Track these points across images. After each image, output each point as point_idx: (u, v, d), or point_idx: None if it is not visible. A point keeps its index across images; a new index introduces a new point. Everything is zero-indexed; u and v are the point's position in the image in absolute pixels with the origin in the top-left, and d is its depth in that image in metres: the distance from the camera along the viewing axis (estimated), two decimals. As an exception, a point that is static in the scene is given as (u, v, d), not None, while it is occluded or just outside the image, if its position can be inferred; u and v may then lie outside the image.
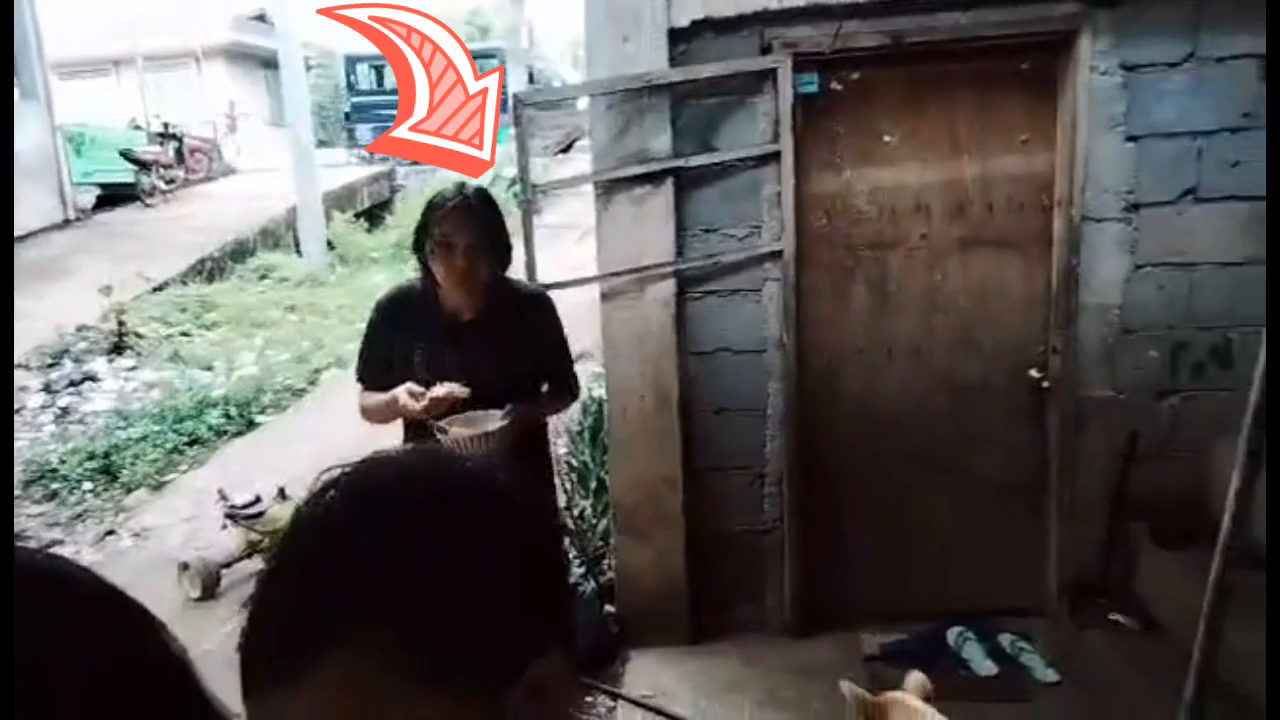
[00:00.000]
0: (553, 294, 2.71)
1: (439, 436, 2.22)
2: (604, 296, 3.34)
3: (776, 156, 3.22)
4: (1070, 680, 3.08)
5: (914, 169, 3.31)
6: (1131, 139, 3.15)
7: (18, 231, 10.01)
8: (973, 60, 3.21)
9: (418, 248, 2.42)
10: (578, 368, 2.72)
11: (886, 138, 3.30)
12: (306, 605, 0.53)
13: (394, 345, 2.43)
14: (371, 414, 2.47)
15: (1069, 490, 3.38)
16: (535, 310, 2.53)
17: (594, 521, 3.99)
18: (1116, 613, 3.31)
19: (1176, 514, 3.24)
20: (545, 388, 2.59)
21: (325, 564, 0.55)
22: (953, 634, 3.29)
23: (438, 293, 2.41)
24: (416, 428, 2.35)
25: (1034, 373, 3.37)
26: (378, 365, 2.46)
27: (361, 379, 2.52)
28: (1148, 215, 3.20)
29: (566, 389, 2.64)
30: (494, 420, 2.28)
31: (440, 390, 2.27)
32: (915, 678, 2.18)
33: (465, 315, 2.42)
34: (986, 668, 3.15)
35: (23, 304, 8.06)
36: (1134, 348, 3.29)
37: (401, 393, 2.30)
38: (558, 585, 0.62)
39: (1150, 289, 3.24)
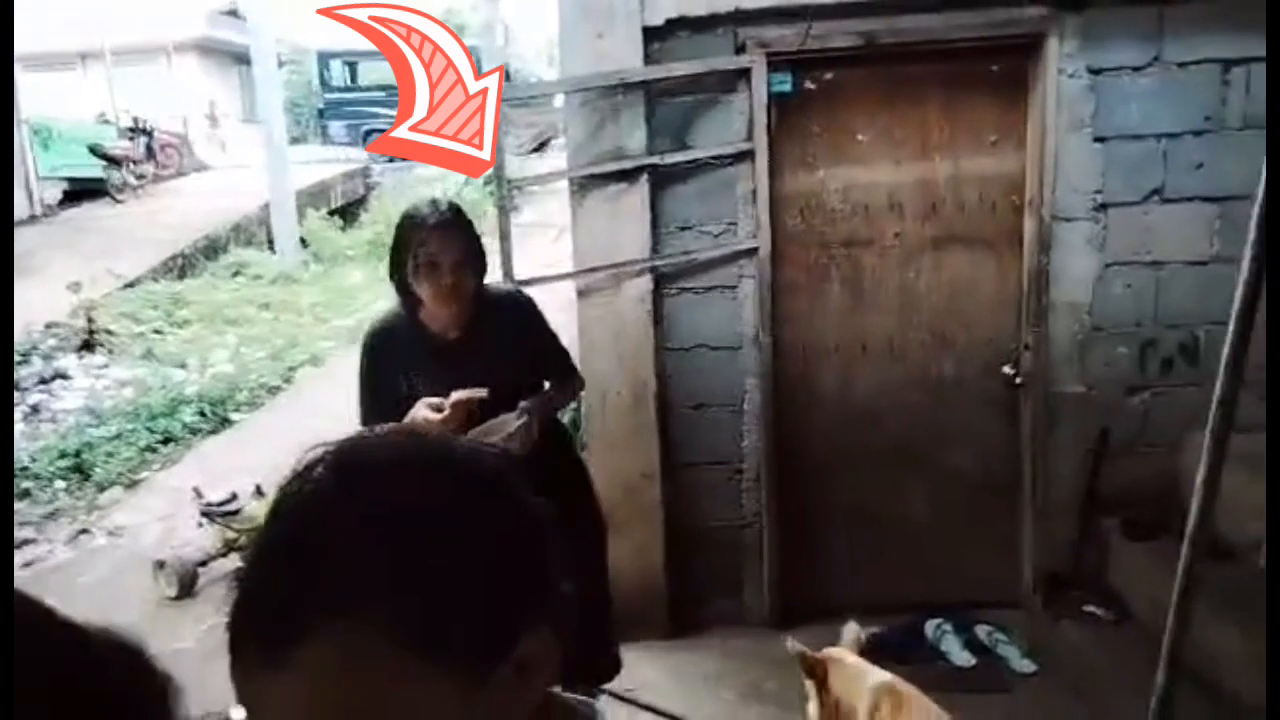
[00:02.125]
0: (528, 291, 2.72)
1: None
2: (580, 293, 3.35)
3: (751, 155, 3.25)
4: (1047, 670, 3.14)
5: (887, 168, 3.34)
6: (1099, 140, 3.21)
7: (-17, 227, 9.86)
8: (944, 62, 3.25)
9: (396, 270, 2.38)
10: None
11: (860, 137, 3.34)
12: (299, 582, 0.53)
13: (392, 381, 2.39)
14: None
15: (1042, 484, 3.44)
16: (517, 311, 2.53)
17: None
18: (1090, 604, 3.37)
19: (1147, 507, 3.31)
20: (548, 383, 2.58)
21: (317, 540, 0.55)
22: (930, 626, 3.34)
23: (420, 316, 2.40)
24: None
25: (1007, 369, 3.42)
26: (379, 405, 2.39)
27: (368, 425, 2.47)
28: (1115, 215, 3.26)
29: (569, 376, 2.64)
30: (510, 424, 2.28)
31: (459, 395, 2.25)
32: (850, 632, 2.36)
33: (452, 333, 2.41)
34: (964, 659, 3.20)
35: (-10, 301, 7.93)
36: (1104, 345, 3.35)
37: (420, 409, 2.26)
38: (546, 563, 0.61)
39: (1119, 287, 3.31)
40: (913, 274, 3.41)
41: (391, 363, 2.41)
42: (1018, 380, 3.42)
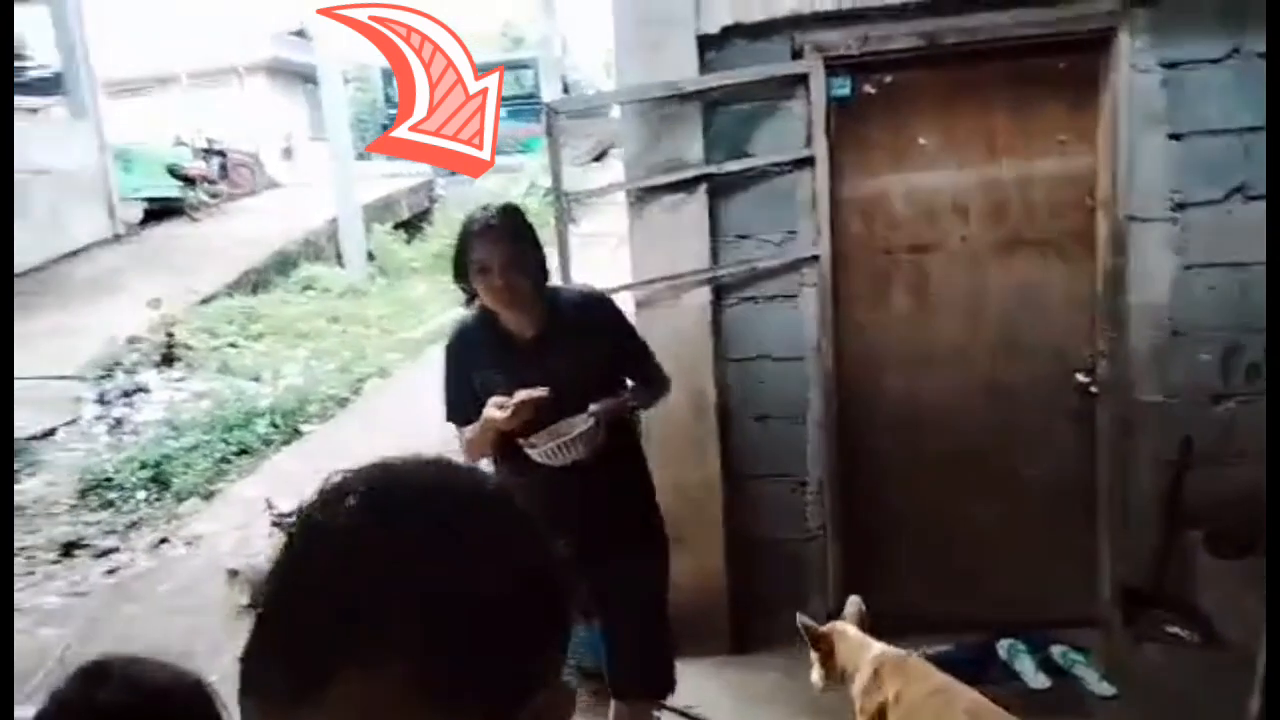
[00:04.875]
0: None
1: (528, 452, 2.26)
2: (639, 304, 3.34)
3: (810, 161, 3.20)
4: (1127, 694, 3.00)
5: (951, 171, 3.26)
6: (1175, 137, 3.08)
7: (70, 246, 10.33)
8: (1009, 61, 3.16)
9: (460, 277, 2.41)
10: None
11: (922, 140, 3.26)
12: (331, 621, 0.53)
13: (471, 379, 2.43)
14: (472, 447, 2.44)
15: (1120, 497, 3.30)
16: (595, 310, 2.50)
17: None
18: (1174, 624, 3.22)
19: (1234, 521, 3.14)
20: (630, 383, 2.54)
21: (352, 579, 0.54)
22: (1003, 646, 3.23)
23: (496, 318, 2.42)
24: (508, 452, 2.35)
25: (1081, 376, 3.30)
26: (462, 402, 2.45)
27: (452, 420, 2.52)
28: (1195, 214, 3.12)
29: (654, 378, 2.58)
30: (576, 427, 2.29)
31: (522, 394, 2.28)
32: (853, 605, 2.47)
33: (528, 333, 2.41)
34: (1039, 681, 3.08)
35: (76, 319, 8.28)
36: (1185, 351, 3.21)
37: (489, 408, 2.31)
38: (566, 611, 0.61)
39: (1200, 290, 3.16)
40: (980, 279, 3.31)
41: (471, 362, 2.45)
42: (1092, 389, 3.29)
